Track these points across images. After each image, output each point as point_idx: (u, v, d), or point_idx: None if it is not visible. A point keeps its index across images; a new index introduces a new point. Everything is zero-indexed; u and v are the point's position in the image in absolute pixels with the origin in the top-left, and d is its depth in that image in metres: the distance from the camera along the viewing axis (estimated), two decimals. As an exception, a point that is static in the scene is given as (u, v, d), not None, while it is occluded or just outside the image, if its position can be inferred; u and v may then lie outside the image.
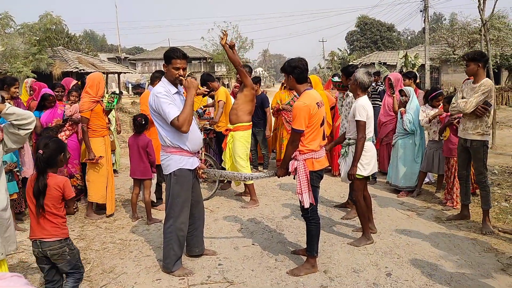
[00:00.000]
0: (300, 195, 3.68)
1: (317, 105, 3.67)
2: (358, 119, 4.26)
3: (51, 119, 5.41)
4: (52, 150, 2.98)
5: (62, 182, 2.98)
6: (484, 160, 4.66)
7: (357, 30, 52.21)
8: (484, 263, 3.90)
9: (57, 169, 3.09)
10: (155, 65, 48.82)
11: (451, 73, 28.54)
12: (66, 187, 2.97)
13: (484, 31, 10.79)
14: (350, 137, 4.47)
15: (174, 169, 3.68)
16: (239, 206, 5.90)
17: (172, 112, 3.47)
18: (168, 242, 3.78)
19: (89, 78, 5.37)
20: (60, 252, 2.98)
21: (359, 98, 4.39)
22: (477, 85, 4.59)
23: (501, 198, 5.80)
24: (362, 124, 4.25)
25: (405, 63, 20.43)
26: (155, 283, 3.66)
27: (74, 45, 30.88)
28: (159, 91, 3.55)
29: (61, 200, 2.99)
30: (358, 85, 4.37)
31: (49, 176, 2.95)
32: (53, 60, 20.66)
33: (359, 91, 4.40)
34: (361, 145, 4.25)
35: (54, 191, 2.93)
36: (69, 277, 3.08)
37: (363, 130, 4.25)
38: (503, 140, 10.45)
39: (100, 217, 5.39)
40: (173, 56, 3.61)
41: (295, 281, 3.63)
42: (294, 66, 3.73)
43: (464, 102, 4.59)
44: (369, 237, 4.42)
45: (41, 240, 2.94)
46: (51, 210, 2.94)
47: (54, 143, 3.03)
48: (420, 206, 5.73)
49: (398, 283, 3.57)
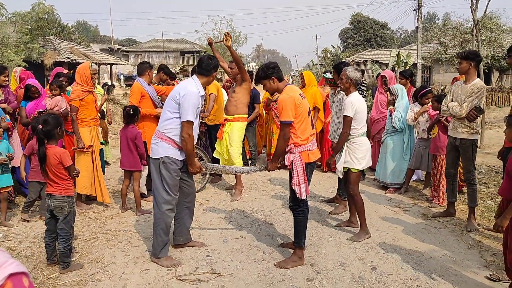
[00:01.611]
0: (298, 186, 3.73)
1: (301, 96, 3.77)
2: (345, 114, 4.35)
3: (33, 110, 5.31)
4: (50, 125, 3.59)
5: (59, 153, 3.61)
6: (473, 158, 4.74)
7: (351, 27, 52.33)
8: (468, 259, 3.98)
9: (56, 141, 3.70)
10: (148, 57, 48.52)
11: (443, 72, 28.78)
12: (63, 157, 3.61)
13: (476, 31, 10.90)
14: None
15: (162, 156, 3.78)
16: (229, 199, 5.94)
17: (193, 116, 3.72)
18: (156, 228, 3.86)
19: (77, 68, 5.38)
20: (61, 206, 3.65)
21: (351, 94, 4.45)
22: (469, 86, 4.63)
23: (487, 197, 5.90)
24: (348, 120, 4.35)
25: (397, 62, 20.51)
26: (143, 273, 3.69)
27: (66, 35, 30.54)
28: (195, 91, 3.77)
29: (61, 167, 3.62)
30: (351, 83, 4.43)
31: (49, 147, 3.60)
32: (45, 50, 20.43)
33: (352, 88, 4.46)
34: (343, 139, 4.38)
35: (53, 160, 3.59)
36: (59, 238, 3.67)
37: (348, 125, 4.36)
38: (491, 140, 10.59)
39: (89, 207, 5.40)
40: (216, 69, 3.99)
41: (282, 273, 3.68)
42: (272, 67, 3.83)
43: (459, 107, 4.63)
44: (368, 231, 4.49)
45: (50, 194, 3.66)
46: (55, 173, 3.63)
47: (52, 119, 3.65)
48: (407, 202, 5.81)
49: (383, 277, 3.64)
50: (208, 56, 4.04)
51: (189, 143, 3.75)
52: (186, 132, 3.71)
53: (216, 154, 6.16)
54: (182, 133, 3.72)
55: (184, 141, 3.73)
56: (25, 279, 0.99)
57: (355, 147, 4.42)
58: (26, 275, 1.00)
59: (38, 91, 5.46)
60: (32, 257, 4.00)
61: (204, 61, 3.94)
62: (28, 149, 4.69)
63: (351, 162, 4.42)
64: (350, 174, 4.46)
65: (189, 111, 3.68)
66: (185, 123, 3.69)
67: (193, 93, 3.73)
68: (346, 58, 34.65)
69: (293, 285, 3.48)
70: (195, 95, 3.73)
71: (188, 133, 3.72)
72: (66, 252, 3.67)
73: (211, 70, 3.94)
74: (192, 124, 3.75)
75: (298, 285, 3.48)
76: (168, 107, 3.82)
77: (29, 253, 4.07)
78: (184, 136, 3.71)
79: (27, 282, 0.99)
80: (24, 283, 0.98)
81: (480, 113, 4.56)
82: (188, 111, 3.68)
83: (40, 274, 3.66)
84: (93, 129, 5.39)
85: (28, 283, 1.00)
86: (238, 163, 5.79)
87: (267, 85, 3.90)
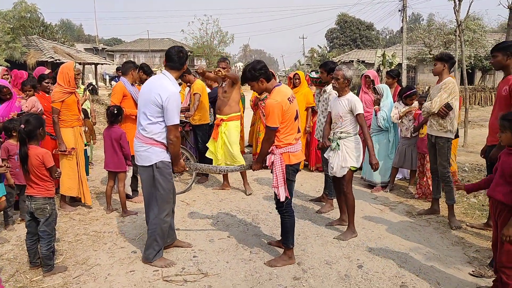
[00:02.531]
0: (276, 188, 3.73)
1: (289, 100, 3.71)
2: (360, 112, 4.40)
3: (7, 113, 5.04)
4: (32, 125, 3.57)
5: (42, 153, 3.57)
6: (448, 155, 4.84)
7: (337, 27, 52.61)
8: (452, 256, 4.03)
9: (38, 141, 3.67)
10: (133, 57, 48.13)
11: (427, 72, 29.10)
12: (45, 158, 3.57)
13: (459, 32, 11.06)
14: (342, 131, 4.50)
15: (156, 161, 3.70)
16: (215, 199, 5.92)
17: (178, 119, 3.66)
18: (152, 234, 3.80)
19: (60, 68, 5.22)
20: (42, 207, 3.60)
21: (348, 93, 4.52)
22: (440, 84, 4.81)
23: (470, 194, 5.98)
24: (363, 117, 4.42)
25: (383, 62, 20.71)
26: (128, 274, 3.66)
27: (49, 35, 30.08)
28: (175, 92, 3.67)
29: (43, 168, 3.58)
30: (348, 82, 4.48)
31: (31, 147, 3.57)
32: (27, 49, 20.11)
33: (347, 88, 4.53)
34: (369, 136, 4.43)
35: (35, 160, 3.55)
36: (41, 241, 3.62)
37: (365, 121, 4.44)
38: (474, 138, 10.75)
39: (74, 209, 5.32)
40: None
41: (269, 273, 3.68)
42: (259, 68, 3.74)
43: (430, 103, 4.77)
44: (354, 230, 4.53)
45: (31, 196, 3.60)
46: (36, 174, 3.58)
47: (34, 119, 3.64)
48: (393, 201, 5.87)
49: (369, 274, 3.66)
50: (178, 49, 3.82)
51: (177, 146, 3.72)
52: (174, 135, 3.65)
53: (209, 154, 6.13)
54: (169, 137, 3.65)
55: (172, 144, 3.68)
56: None
57: (353, 145, 4.47)
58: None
59: (10, 92, 5.17)
60: (15, 260, 3.92)
61: (175, 54, 3.74)
62: (3, 152, 4.51)
63: (351, 160, 4.45)
64: (346, 173, 4.49)
65: (175, 114, 3.61)
66: (173, 126, 3.62)
67: (175, 94, 3.64)
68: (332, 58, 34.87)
69: (280, 284, 3.48)
70: (177, 96, 3.66)
71: (176, 135, 3.67)
72: (49, 254, 3.61)
73: (184, 64, 3.82)
74: (178, 126, 3.72)
75: (285, 284, 3.49)
76: (149, 111, 3.63)
77: (12, 256, 4.00)
78: (173, 139, 3.65)
79: None
80: None
81: (449, 109, 4.71)
82: (174, 114, 3.60)
83: (23, 277, 3.59)
84: (76, 130, 5.30)
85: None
86: (241, 161, 5.83)
87: (255, 87, 3.81)
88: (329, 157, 4.64)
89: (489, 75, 27.56)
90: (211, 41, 44.10)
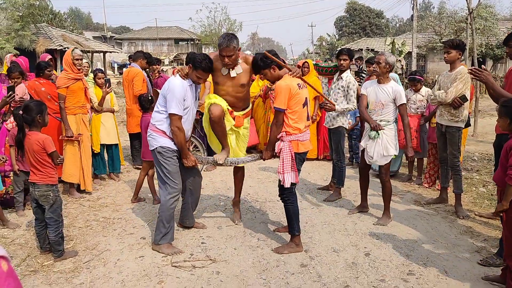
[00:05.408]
0: (282, 174, 3.74)
1: (298, 86, 3.74)
2: (404, 102, 4.42)
3: None
4: (31, 111, 3.54)
5: (42, 138, 3.53)
6: (458, 144, 4.80)
7: (346, 15, 51.99)
8: (460, 245, 4.03)
9: (38, 128, 3.61)
10: (141, 45, 48.10)
11: (437, 61, 28.76)
12: (46, 143, 3.53)
13: (470, 20, 10.88)
14: (382, 119, 4.48)
15: (156, 146, 3.84)
16: (223, 187, 5.95)
17: (176, 109, 3.70)
18: (159, 216, 3.91)
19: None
20: (45, 195, 3.58)
21: (391, 81, 4.49)
22: (453, 73, 4.68)
23: (479, 184, 5.96)
24: (405, 107, 4.46)
25: (392, 50, 20.46)
26: (138, 260, 3.71)
27: (58, 23, 30.17)
28: (177, 83, 3.74)
29: (44, 154, 3.55)
30: (389, 67, 4.45)
31: (31, 133, 3.56)
32: (36, 37, 20.18)
33: (388, 74, 4.50)
34: (409, 127, 4.48)
35: (35, 146, 3.51)
36: (49, 227, 3.64)
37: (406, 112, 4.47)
38: (484, 128, 10.65)
39: (82, 196, 5.38)
40: (200, 67, 3.72)
41: (276, 260, 3.71)
42: (269, 57, 3.75)
43: (444, 93, 4.68)
44: (390, 215, 4.60)
45: (33, 183, 3.60)
46: (37, 161, 3.55)
47: (34, 105, 3.60)
48: (401, 189, 5.85)
49: (376, 262, 3.67)
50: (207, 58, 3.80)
51: (179, 136, 3.77)
52: (173, 125, 3.75)
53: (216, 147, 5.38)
54: (170, 126, 3.77)
55: (174, 134, 3.78)
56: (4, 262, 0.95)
57: (392, 133, 4.49)
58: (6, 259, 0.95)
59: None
60: (26, 245, 3.99)
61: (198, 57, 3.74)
62: (10, 139, 4.55)
63: (391, 149, 4.48)
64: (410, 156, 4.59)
65: (172, 104, 3.69)
66: (171, 115, 3.73)
67: (176, 85, 3.72)
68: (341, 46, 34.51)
69: (287, 271, 3.51)
70: (177, 87, 3.72)
71: (176, 126, 3.74)
72: (58, 240, 3.65)
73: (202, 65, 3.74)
74: (179, 117, 3.75)
75: (292, 271, 3.51)
76: (158, 100, 3.88)
77: (23, 241, 4.07)
78: (172, 129, 3.76)
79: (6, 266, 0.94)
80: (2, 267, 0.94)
81: (464, 101, 4.62)
82: (172, 104, 3.69)
83: (34, 261, 3.66)
84: (79, 117, 5.29)
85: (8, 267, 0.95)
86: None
87: (268, 75, 3.84)
88: (366, 145, 4.61)
89: (500, 64, 27.15)
90: (219, 29, 43.89)
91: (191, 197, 4.30)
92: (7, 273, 0.93)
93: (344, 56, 5.23)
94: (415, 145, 5.91)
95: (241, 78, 4.01)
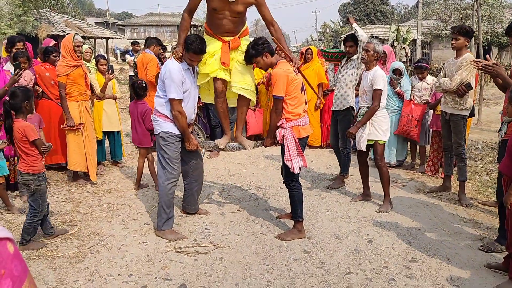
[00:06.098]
0: (290, 161, 3.74)
1: (295, 72, 3.75)
2: (377, 87, 4.37)
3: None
4: (18, 98, 3.50)
5: (23, 126, 3.47)
6: (463, 132, 4.78)
7: (351, 2, 51.42)
8: (462, 233, 4.04)
9: (24, 115, 3.55)
10: (144, 32, 47.78)
11: (442, 48, 28.50)
12: (26, 131, 3.46)
13: (476, 6, 10.74)
14: (368, 106, 4.50)
15: (160, 131, 3.87)
16: (226, 174, 5.96)
17: (175, 94, 3.72)
18: (159, 202, 3.95)
19: (62, 41, 5.17)
20: (27, 183, 3.56)
21: (375, 68, 4.48)
22: (459, 60, 4.63)
23: (483, 172, 5.94)
24: (379, 93, 4.39)
25: (397, 37, 20.27)
26: (141, 245, 3.73)
27: (60, 8, 29.93)
28: (174, 67, 3.73)
29: (26, 142, 3.49)
30: (377, 56, 4.47)
31: (17, 121, 3.50)
32: (39, 23, 20.04)
33: (375, 62, 4.50)
34: (372, 113, 4.42)
35: (18, 134, 3.49)
36: (28, 212, 3.63)
37: (379, 98, 4.40)
38: (488, 116, 10.60)
39: (86, 182, 5.39)
40: (191, 49, 3.68)
41: (279, 246, 3.73)
42: (262, 43, 3.72)
43: (449, 80, 4.64)
44: (391, 201, 4.63)
45: (19, 171, 3.60)
46: (21, 149, 3.53)
47: (21, 92, 3.56)
48: (404, 177, 5.85)
49: (379, 249, 3.69)
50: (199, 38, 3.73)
51: (180, 120, 3.79)
52: (174, 109, 3.77)
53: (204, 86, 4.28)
54: (172, 111, 3.79)
55: (175, 118, 3.80)
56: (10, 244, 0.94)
57: (380, 119, 4.48)
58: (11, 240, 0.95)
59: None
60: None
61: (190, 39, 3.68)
62: None
63: (377, 134, 4.48)
64: (377, 146, 4.53)
65: (171, 89, 3.71)
66: (171, 100, 3.75)
67: (172, 70, 3.71)
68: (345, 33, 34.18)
69: (290, 257, 3.53)
70: (174, 71, 3.71)
71: (178, 110, 3.76)
72: (28, 228, 3.58)
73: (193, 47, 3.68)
74: (179, 101, 3.75)
75: (295, 257, 3.53)
76: (158, 85, 3.91)
77: (28, 226, 4.09)
78: (174, 113, 3.78)
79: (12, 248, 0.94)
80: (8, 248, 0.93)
81: (469, 89, 4.58)
82: (170, 89, 3.71)
83: (40, 246, 3.69)
84: (81, 104, 5.24)
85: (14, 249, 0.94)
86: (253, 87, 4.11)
87: (260, 62, 3.79)
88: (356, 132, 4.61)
89: (505, 52, 26.88)
90: (222, 15, 43.42)
91: (195, 183, 4.31)
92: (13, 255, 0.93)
93: (350, 42, 5.17)
94: (415, 134, 5.89)
95: (239, 6, 3.74)
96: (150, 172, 5.25)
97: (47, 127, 5.15)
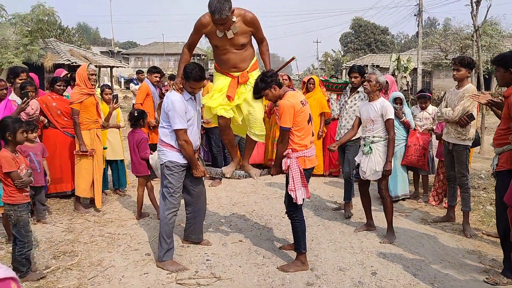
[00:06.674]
0: (294, 191, 3.73)
1: (302, 103, 3.77)
2: (390, 117, 4.43)
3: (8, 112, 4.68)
4: (2, 128, 3.48)
5: (1, 157, 3.43)
6: (466, 162, 4.78)
7: (352, 32, 52.32)
8: (467, 264, 3.98)
9: (13, 145, 3.52)
10: (148, 60, 48.53)
11: (443, 77, 28.81)
12: (1, 162, 3.42)
13: (476, 37, 10.92)
14: (375, 135, 4.53)
15: (165, 161, 3.90)
16: (228, 203, 5.93)
17: (180, 124, 3.77)
18: (160, 232, 3.93)
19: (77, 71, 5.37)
20: (7, 214, 3.54)
21: (380, 98, 4.55)
22: (461, 91, 4.68)
23: (487, 202, 5.90)
24: (392, 123, 4.46)
25: (398, 67, 20.55)
26: (142, 277, 3.68)
27: (66, 37, 30.59)
28: (176, 98, 3.79)
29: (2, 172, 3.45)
30: (379, 86, 4.53)
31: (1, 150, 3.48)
32: (44, 52, 20.42)
33: (378, 92, 4.57)
34: (393, 142, 4.48)
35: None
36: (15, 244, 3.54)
37: (393, 128, 4.49)
38: (490, 145, 10.58)
39: (88, 211, 5.38)
40: (192, 77, 3.77)
41: (281, 278, 3.67)
42: (269, 76, 3.76)
43: (452, 111, 4.67)
44: (394, 231, 4.60)
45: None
46: (1, 179, 3.49)
47: (8, 121, 3.54)
48: (407, 207, 5.81)
49: (383, 282, 3.63)
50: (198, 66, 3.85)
51: (187, 149, 3.85)
52: (181, 139, 3.83)
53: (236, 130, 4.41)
54: (178, 141, 3.84)
55: (182, 148, 3.85)
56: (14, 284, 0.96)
57: (384, 149, 4.51)
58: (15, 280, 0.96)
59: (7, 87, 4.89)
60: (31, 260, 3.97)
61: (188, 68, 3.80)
62: None
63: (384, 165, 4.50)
64: (382, 177, 4.53)
65: (176, 120, 3.77)
66: (176, 131, 3.81)
67: (175, 101, 3.78)
68: (346, 62, 34.69)
69: (293, 290, 3.47)
70: (177, 102, 3.78)
71: (184, 139, 3.82)
72: (21, 260, 3.52)
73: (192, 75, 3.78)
74: (184, 130, 3.81)
75: (298, 290, 3.48)
76: (162, 116, 3.97)
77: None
78: (180, 143, 3.83)
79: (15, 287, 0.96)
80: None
81: (471, 120, 4.62)
82: (175, 120, 3.77)
83: (39, 277, 3.64)
84: (93, 132, 5.36)
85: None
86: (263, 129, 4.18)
87: (269, 95, 3.83)
88: (360, 161, 4.65)
89: (506, 81, 27.11)
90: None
91: (198, 211, 4.28)
92: None
93: (355, 73, 5.26)
94: (424, 163, 5.86)
95: (240, 38, 3.77)
96: (150, 200, 5.25)
97: (51, 156, 5.27)
